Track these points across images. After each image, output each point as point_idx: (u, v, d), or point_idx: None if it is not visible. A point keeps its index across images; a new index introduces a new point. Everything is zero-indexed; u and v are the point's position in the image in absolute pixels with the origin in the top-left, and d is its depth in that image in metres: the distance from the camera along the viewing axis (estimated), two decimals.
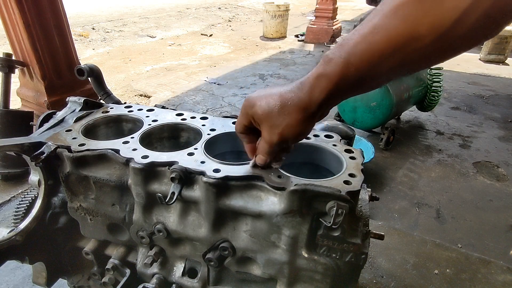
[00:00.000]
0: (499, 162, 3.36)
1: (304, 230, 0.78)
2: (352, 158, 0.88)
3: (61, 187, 1.01)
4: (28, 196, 1.09)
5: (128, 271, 1.05)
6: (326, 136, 0.99)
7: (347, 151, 0.91)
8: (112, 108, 1.16)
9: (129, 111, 1.13)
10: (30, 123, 2.53)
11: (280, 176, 0.79)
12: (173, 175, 0.80)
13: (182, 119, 1.08)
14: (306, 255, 0.81)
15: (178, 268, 1.00)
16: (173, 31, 9.00)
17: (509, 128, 4.09)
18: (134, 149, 0.90)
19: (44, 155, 0.89)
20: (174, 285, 0.99)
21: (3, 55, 2.61)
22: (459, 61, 6.35)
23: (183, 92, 4.97)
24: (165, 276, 0.99)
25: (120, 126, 1.15)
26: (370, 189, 0.92)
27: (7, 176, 2.59)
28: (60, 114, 1.10)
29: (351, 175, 0.80)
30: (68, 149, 0.91)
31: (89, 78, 1.33)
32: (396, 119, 4.07)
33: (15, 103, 3.17)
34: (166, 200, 0.80)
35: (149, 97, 4.84)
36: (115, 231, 1.04)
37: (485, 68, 6.22)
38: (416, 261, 1.76)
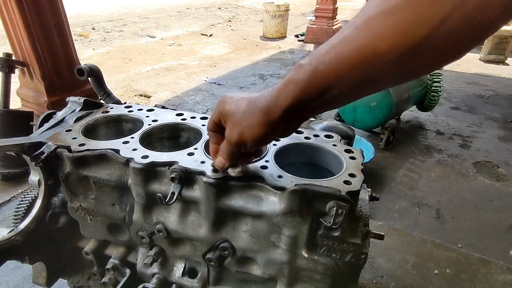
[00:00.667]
0: (499, 162, 3.36)
1: (304, 230, 0.78)
2: (352, 158, 0.88)
3: (61, 187, 1.01)
4: (28, 196, 1.09)
5: (128, 271, 1.05)
6: (326, 136, 0.99)
7: (347, 151, 0.91)
8: (112, 108, 1.16)
9: (129, 111, 1.13)
10: (30, 123, 2.53)
11: (280, 176, 0.79)
12: (173, 175, 0.80)
13: (182, 119, 1.08)
14: (306, 255, 0.81)
15: (178, 268, 1.00)
16: (173, 31, 9.00)
17: (509, 128, 4.09)
18: (134, 149, 0.90)
19: (44, 155, 0.89)
20: (174, 285, 0.99)
21: (3, 55, 2.62)
22: (459, 61, 6.34)
23: (183, 92, 4.97)
24: (165, 276, 0.99)
25: (120, 126, 1.15)
26: (370, 189, 0.92)
27: (7, 176, 2.59)
28: (60, 114, 1.10)
29: (351, 175, 0.80)
30: (68, 149, 0.91)
31: (89, 78, 1.33)
32: (396, 119, 4.07)
33: (15, 103, 3.17)
34: (166, 200, 0.80)
35: (149, 97, 4.84)
36: (115, 231, 1.04)
37: (485, 68, 6.23)
38: (416, 261, 1.76)
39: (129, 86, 5.17)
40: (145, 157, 0.86)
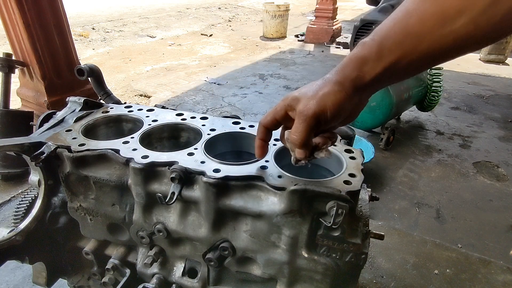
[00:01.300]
0: (499, 162, 3.35)
1: (304, 230, 0.78)
2: (352, 158, 0.88)
3: (61, 187, 1.01)
4: (28, 196, 1.09)
5: (128, 271, 1.05)
6: None
7: (347, 151, 0.91)
8: (112, 108, 1.16)
9: (129, 111, 1.13)
10: (30, 123, 2.53)
11: (280, 176, 0.79)
12: (173, 175, 0.80)
13: (182, 119, 1.08)
14: (306, 255, 0.81)
15: (178, 268, 1.00)
16: (173, 31, 9.00)
17: (509, 128, 4.09)
18: (134, 149, 0.90)
19: (44, 155, 0.89)
20: (174, 285, 0.99)
21: (3, 55, 2.62)
22: (459, 61, 6.35)
23: (183, 92, 4.97)
24: (165, 276, 0.99)
25: (120, 126, 1.15)
26: (370, 189, 0.92)
27: (7, 176, 2.59)
28: (60, 114, 1.10)
29: (351, 175, 0.80)
30: (68, 149, 0.91)
31: (89, 78, 1.33)
32: (396, 119, 4.07)
33: (15, 103, 3.17)
34: (166, 200, 0.80)
35: (149, 97, 4.84)
36: (115, 231, 1.04)
37: (485, 68, 6.23)
38: (416, 261, 1.76)
39: (129, 86, 5.17)
40: (145, 157, 0.86)
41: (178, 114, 1.11)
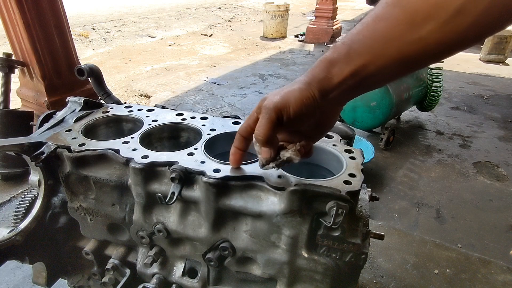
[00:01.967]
0: (499, 162, 3.36)
1: (304, 230, 0.78)
2: (352, 158, 0.88)
3: (61, 187, 1.01)
4: (28, 196, 1.10)
5: (128, 271, 1.05)
6: (326, 136, 0.99)
7: (347, 151, 0.91)
8: (112, 108, 1.16)
9: (129, 111, 1.13)
10: (30, 123, 2.53)
11: (280, 176, 0.79)
12: (173, 175, 0.80)
13: (182, 119, 1.08)
14: (306, 255, 0.81)
15: (178, 268, 1.00)
16: (173, 31, 9.00)
17: (509, 128, 4.09)
18: (134, 149, 0.90)
19: (44, 155, 0.89)
20: (174, 285, 0.99)
21: (3, 55, 2.62)
22: (459, 61, 6.35)
23: (183, 92, 4.97)
24: (165, 276, 0.99)
25: (120, 126, 1.15)
26: (370, 189, 0.92)
27: (7, 176, 2.59)
28: (60, 114, 1.10)
29: (351, 175, 0.80)
30: (68, 149, 0.91)
31: (89, 78, 1.33)
32: (396, 119, 4.07)
33: (15, 103, 3.17)
34: (166, 200, 0.80)
35: (149, 97, 4.84)
36: (115, 231, 1.04)
37: (485, 68, 6.23)
38: (416, 261, 1.76)
39: (129, 86, 5.17)
40: (145, 157, 0.86)
41: (178, 114, 1.11)
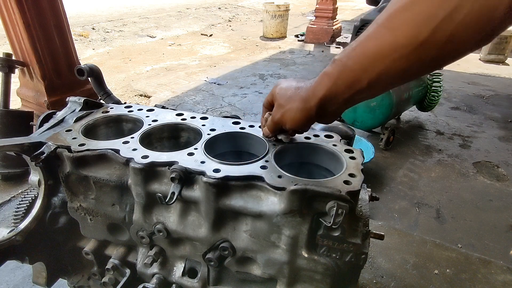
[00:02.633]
0: (499, 162, 3.35)
1: (304, 230, 0.78)
2: (352, 158, 0.88)
3: (61, 187, 1.01)
4: (28, 196, 1.09)
5: (128, 271, 1.05)
6: (326, 136, 0.99)
7: (347, 151, 0.91)
8: (112, 108, 1.16)
9: (129, 111, 1.13)
10: (30, 123, 2.53)
11: (280, 176, 0.79)
12: (173, 175, 0.80)
13: (182, 119, 1.08)
14: (306, 255, 0.81)
15: (178, 268, 1.00)
16: (173, 31, 9.00)
17: (509, 128, 4.09)
18: (134, 149, 0.90)
19: (44, 155, 0.89)
20: (174, 285, 0.99)
21: (3, 55, 2.62)
22: (459, 61, 6.33)
23: (183, 92, 4.97)
24: (165, 276, 0.99)
25: (120, 126, 1.15)
26: (370, 189, 0.92)
27: (7, 176, 2.59)
28: (60, 114, 1.10)
29: (351, 175, 0.80)
30: (68, 149, 0.91)
31: (89, 78, 1.33)
32: (396, 119, 4.07)
33: (15, 103, 3.17)
34: (166, 200, 0.80)
35: (149, 97, 4.84)
36: (115, 231, 1.04)
37: (485, 68, 6.23)
38: (416, 261, 1.76)
39: (129, 86, 5.17)
40: (145, 157, 0.86)
41: (178, 114, 1.11)
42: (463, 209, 2.71)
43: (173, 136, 1.09)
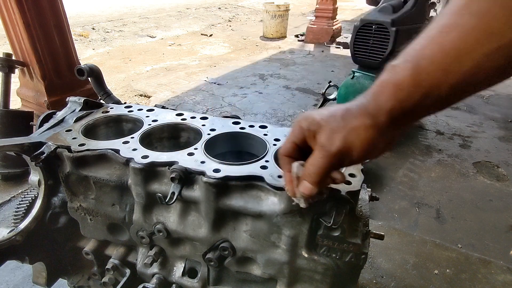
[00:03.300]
0: (499, 162, 3.35)
1: (304, 230, 0.78)
2: None
3: (61, 187, 1.01)
4: (28, 196, 1.10)
5: (128, 271, 1.05)
6: None
7: None
8: (112, 108, 1.16)
9: (129, 111, 1.13)
10: (30, 123, 2.53)
11: (280, 176, 0.79)
12: (173, 175, 0.80)
13: (182, 119, 1.08)
14: (306, 255, 0.81)
15: (178, 268, 1.00)
16: (173, 31, 9.00)
17: (509, 128, 4.09)
18: (134, 149, 0.90)
19: (44, 155, 0.89)
20: (174, 285, 0.99)
21: (3, 55, 2.61)
22: None
23: (183, 92, 4.97)
24: (165, 276, 0.99)
25: (120, 126, 1.15)
26: (370, 189, 0.92)
27: (7, 176, 2.59)
28: (60, 114, 1.10)
29: (351, 175, 0.80)
30: (68, 149, 0.91)
31: (89, 78, 1.33)
32: None
33: (15, 103, 3.17)
34: (166, 200, 0.80)
35: (149, 97, 4.84)
36: (115, 231, 1.04)
37: None
38: (416, 261, 1.76)
39: (129, 86, 5.17)
40: (145, 157, 0.86)
41: (178, 114, 1.11)
42: (463, 209, 2.71)
43: (173, 136, 1.09)
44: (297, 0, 13.66)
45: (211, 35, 8.59)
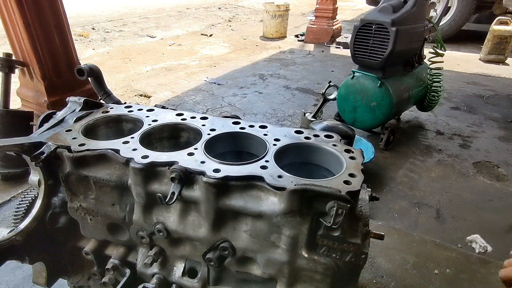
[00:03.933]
0: (499, 162, 3.35)
1: (304, 230, 0.78)
2: (352, 158, 0.88)
3: (61, 187, 1.01)
4: (28, 196, 1.10)
5: (128, 271, 1.05)
6: (326, 136, 0.99)
7: (347, 151, 0.91)
8: (112, 108, 1.16)
9: (129, 111, 1.13)
10: (30, 123, 2.53)
11: (280, 176, 0.79)
12: (173, 175, 0.80)
13: (182, 119, 1.08)
14: (306, 255, 0.81)
15: (178, 268, 1.00)
16: (173, 31, 9.00)
17: (509, 128, 4.09)
18: (134, 149, 0.90)
19: (44, 155, 0.89)
20: (174, 285, 0.99)
21: (3, 55, 2.62)
22: (459, 61, 6.35)
23: (183, 92, 4.97)
24: (165, 276, 0.99)
25: (120, 126, 1.15)
26: (370, 189, 0.92)
27: (7, 176, 2.59)
28: (60, 114, 1.10)
29: (351, 175, 0.80)
30: (68, 149, 0.91)
31: (89, 78, 1.33)
32: (396, 119, 4.07)
33: (15, 103, 3.17)
34: (166, 200, 0.80)
35: (149, 97, 4.84)
36: (115, 231, 1.04)
37: (485, 68, 6.22)
38: (416, 261, 1.76)
39: (129, 86, 5.17)
40: (145, 157, 0.86)
41: (178, 114, 1.11)
42: (463, 209, 2.71)
43: (173, 136, 1.09)
44: (297, 0, 13.66)
45: (211, 35, 8.59)
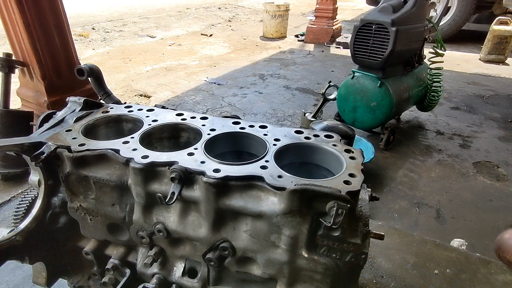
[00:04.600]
0: (499, 162, 3.35)
1: (304, 230, 0.78)
2: (352, 158, 0.88)
3: (61, 187, 1.01)
4: (28, 196, 1.09)
5: (128, 271, 1.05)
6: (326, 136, 0.99)
7: (347, 151, 0.91)
8: (112, 108, 1.16)
9: (129, 111, 1.13)
10: (30, 123, 2.53)
11: (280, 176, 0.79)
12: (173, 175, 0.80)
13: (182, 119, 1.08)
14: (306, 255, 0.81)
15: (178, 268, 1.00)
16: (173, 31, 9.00)
17: (509, 128, 4.09)
18: (134, 149, 0.90)
19: (44, 155, 0.89)
20: (174, 285, 0.99)
21: (3, 55, 2.61)
22: (459, 61, 6.35)
23: (183, 92, 4.97)
24: (165, 276, 0.99)
25: (120, 126, 1.15)
26: (370, 189, 0.92)
27: (7, 176, 2.59)
28: (60, 114, 1.10)
29: (351, 175, 0.80)
30: (68, 149, 0.91)
31: (89, 78, 1.33)
32: (396, 119, 4.07)
33: (15, 103, 3.17)
34: (166, 200, 0.80)
35: (149, 97, 4.84)
36: (115, 231, 1.04)
37: (485, 68, 6.22)
38: (416, 261, 1.76)
39: (129, 86, 5.17)
40: (145, 157, 0.86)
41: (178, 114, 1.11)
42: (463, 209, 2.71)
43: (173, 136, 1.09)
44: (297, 0, 13.66)
45: (211, 35, 8.59)
